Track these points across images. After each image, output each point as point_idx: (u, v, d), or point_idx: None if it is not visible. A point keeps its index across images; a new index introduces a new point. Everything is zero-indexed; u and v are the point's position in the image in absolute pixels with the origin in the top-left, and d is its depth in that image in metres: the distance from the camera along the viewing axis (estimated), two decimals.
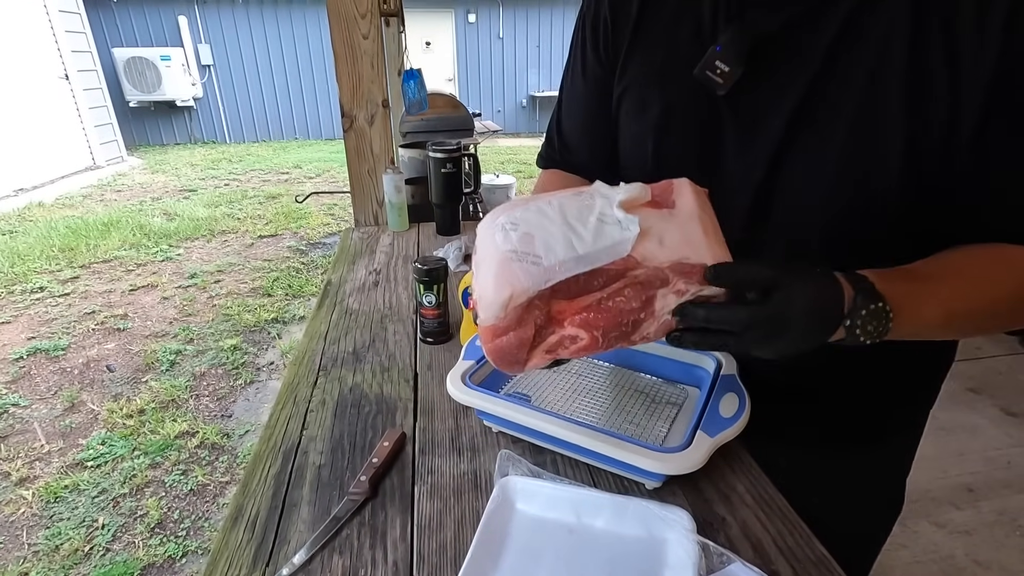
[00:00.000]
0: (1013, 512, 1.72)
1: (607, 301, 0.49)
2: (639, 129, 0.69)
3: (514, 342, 0.49)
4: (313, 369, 0.94)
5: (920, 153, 0.53)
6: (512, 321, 0.48)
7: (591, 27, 0.72)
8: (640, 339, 0.51)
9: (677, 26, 0.63)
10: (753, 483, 0.67)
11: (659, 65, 0.66)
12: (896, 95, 0.52)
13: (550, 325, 0.50)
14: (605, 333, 0.49)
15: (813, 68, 0.55)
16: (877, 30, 0.52)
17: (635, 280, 0.48)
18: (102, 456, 2.09)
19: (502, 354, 0.50)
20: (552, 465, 0.70)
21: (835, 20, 0.53)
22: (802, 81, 0.56)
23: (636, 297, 0.48)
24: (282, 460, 0.73)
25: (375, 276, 1.31)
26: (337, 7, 1.42)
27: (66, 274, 3.77)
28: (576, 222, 0.48)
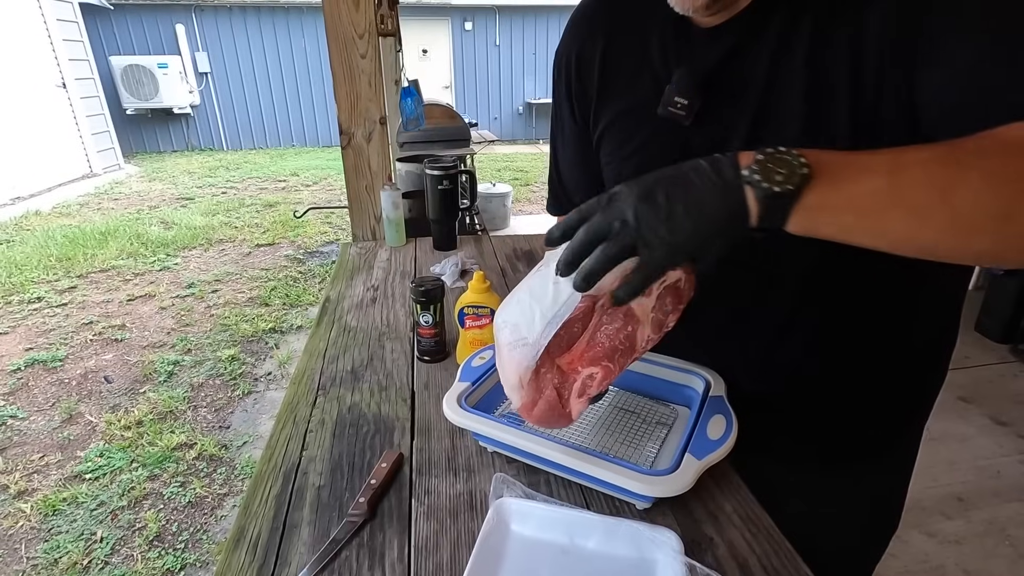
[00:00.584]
0: (1002, 522, 1.75)
1: (595, 335, 0.57)
2: (619, 169, 0.75)
3: (544, 407, 0.58)
4: (312, 388, 0.96)
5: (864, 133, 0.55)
6: (534, 393, 0.58)
7: (564, 91, 0.80)
8: (643, 347, 0.58)
9: (636, 78, 0.70)
10: (741, 503, 0.69)
11: (626, 112, 0.73)
12: (834, 92, 0.56)
13: (568, 377, 0.58)
14: (610, 357, 0.56)
15: (759, 86, 0.60)
16: (802, 41, 0.57)
17: (603, 307, 0.57)
18: (100, 468, 2.10)
19: (546, 420, 0.59)
20: (546, 485, 0.72)
21: (768, 41, 0.59)
22: (752, 100, 0.61)
23: (614, 317, 0.57)
24: (283, 481, 0.74)
25: (373, 292, 1.33)
26: (335, 28, 1.45)
27: (63, 284, 3.78)
28: (539, 295, 0.56)
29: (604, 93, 0.75)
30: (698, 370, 0.81)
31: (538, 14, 10.01)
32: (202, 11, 8.73)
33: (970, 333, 2.94)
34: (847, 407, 0.75)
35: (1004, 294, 2.81)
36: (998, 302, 2.86)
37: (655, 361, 0.84)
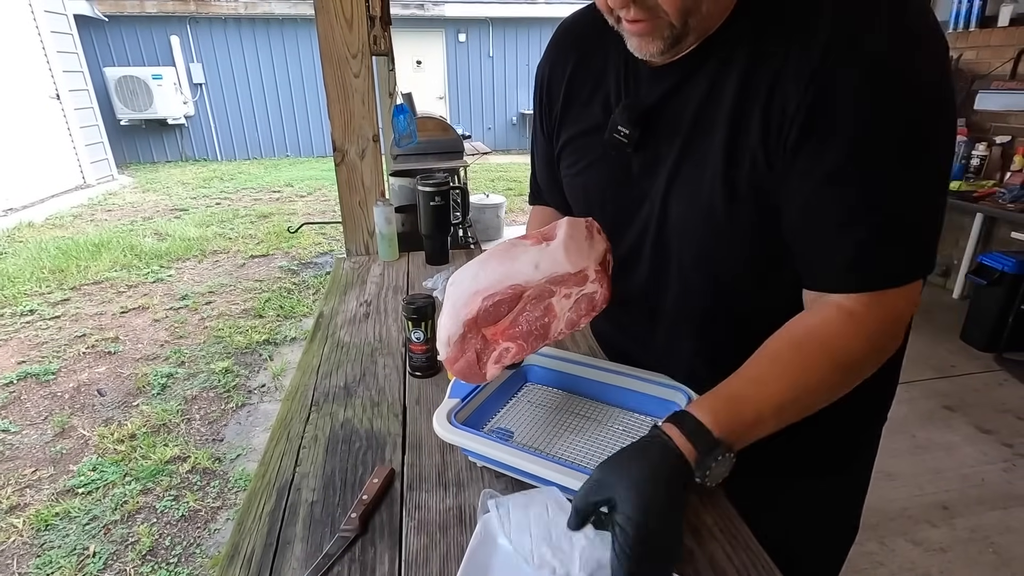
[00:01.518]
0: (986, 529, 1.77)
1: (518, 318, 0.69)
2: (572, 181, 0.86)
3: (464, 365, 0.71)
4: (306, 404, 0.98)
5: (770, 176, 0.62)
6: (457, 352, 0.70)
7: (537, 104, 0.90)
8: (555, 336, 0.69)
9: (591, 104, 0.79)
10: (721, 516, 0.71)
11: (580, 132, 0.82)
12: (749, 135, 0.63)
13: (488, 346, 0.70)
14: (525, 339, 0.69)
15: (686, 124, 0.68)
16: (729, 90, 0.64)
17: (529, 298, 0.68)
18: (93, 482, 2.09)
19: (463, 374, 0.72)
20: None
21: (698, 88, 0.67)
22: (681, 136, 0.69)
23: (536, 308, 0.68)
24: (276, 497, 0.76)
25: (366, 308, 1.35)
26: (329, 49, 1.48)
27: (56, 296, 3.78)
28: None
29: (565, 114, 0.83)
30: (680, 385, 0.83)
31: (531, 26, 10.12)
32: (197, 23, 8.78)
33: (955, 342, 2.99)
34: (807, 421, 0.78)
35: (988, 303, 2.86)
36: (982, 311, 2.91)
37: (641, 377, 0.86)
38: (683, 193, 0.70)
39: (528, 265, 0.67)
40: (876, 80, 0.54)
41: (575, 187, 0.85)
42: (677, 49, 0.64)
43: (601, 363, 0.92)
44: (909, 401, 2.45)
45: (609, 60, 0.76)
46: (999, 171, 3.30)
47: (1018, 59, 3.14)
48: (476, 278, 0.70)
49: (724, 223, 0.67)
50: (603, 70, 0.77)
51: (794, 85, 0.58)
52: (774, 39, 0.60)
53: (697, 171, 0.68)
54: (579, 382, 0.92)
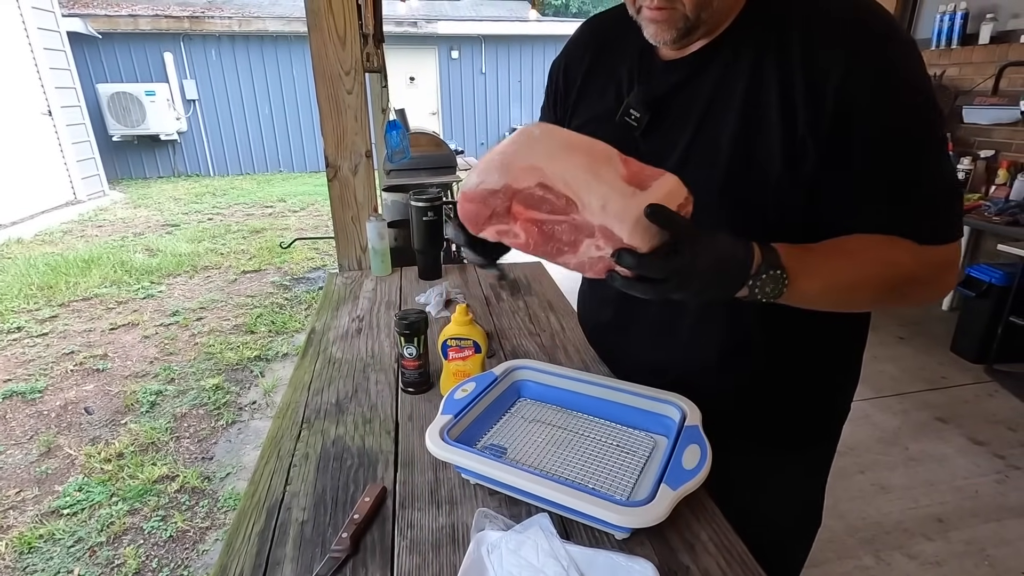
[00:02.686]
0: (981, 542, 1.77)
1: (547, 224, 0.63)
2: None
3: (473, 210, 0.66)
4: (297, 421, 0.97)
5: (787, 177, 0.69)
6: (478, 199, 0.65)
7: (552, 92, 0.97)
8: (560, 263, 0.65)
9: (605, 91, 0.86)
10: (716, 531, 0.71)
11: (593, 117, 0.88)
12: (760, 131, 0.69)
13: (506, 216, 0.65)
14: (536, 244, 0.64)
15: (696, 114, 0.75)
16: (739, 86, 0.71)
17: (572, 222, 0.61)
18: (79, 503, 2.05)
19: (465, 215, 0.67)
20: (527, 514, 0.73)
21: (708, 81, 0.74)
22: (690, 124, 0.75)
23: (567, 232, 0.62)
24: (266, 517, 0.75)
25: (358, 323, 1.35)
26: (322, 65, 1.49)
27: (45, 313, 3.73)
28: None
29: (579, 102, 0.91)
30: (674, 400, 0.83)
31: (523, 43, 10.25)
32: (191, 39, 8.82)
33: (946, 354, 3.01)
34: (778, 401, 0.87)
35: (978, 315, 2.89)
36: (972, 323, 2.93)
37: (635, 392, 0.86)
38: (692, 180, 0.70)
39: (598, 196, 0.58)
40: (896, 75, 0.64)
41: None
42: (687, 40, 0.72)
43: (595, 378, 0.92)
44: (902, 413, 2.46)
45: (623, 56, 0.83)
46: (984, 184, 3.35)
47: (999, 75, 3.21)
48: (552, 155, 0.61)
49: (732, 212, 0.72)
50: (617, 65, 0.84)
51: (811, 80, 0.65)
52: (782, 40, 0.67)
53: (707, 159, 0.73)
54: (573, 397, 0.92)
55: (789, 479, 0.94)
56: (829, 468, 0.99)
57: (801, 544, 1.02)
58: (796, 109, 0.66)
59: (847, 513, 1.89)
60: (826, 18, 0.66)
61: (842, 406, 0.93)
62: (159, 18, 8.57)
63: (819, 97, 0.65)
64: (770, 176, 0.69)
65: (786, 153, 0.68)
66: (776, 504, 0.93)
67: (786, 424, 0.89)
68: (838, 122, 0.65)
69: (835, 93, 0.64)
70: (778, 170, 0.69)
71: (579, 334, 1.26)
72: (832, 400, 0.92)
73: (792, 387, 0.86)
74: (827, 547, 1.75)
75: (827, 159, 0.67)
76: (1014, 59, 3.16)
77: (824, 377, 0.88)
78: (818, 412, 0.91)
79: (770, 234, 0.70)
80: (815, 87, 0.65)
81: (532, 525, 0.67)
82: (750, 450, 0.87)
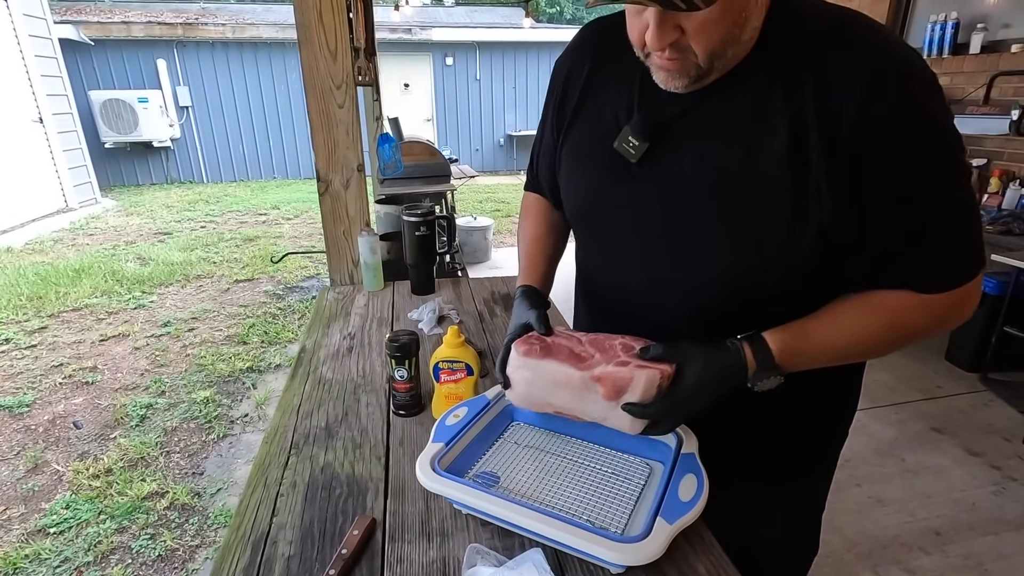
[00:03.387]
0: (979, 555, 1.76)
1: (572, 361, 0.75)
2: (571, 177, 0.88)
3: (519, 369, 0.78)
4: (285, 447, 0.95)
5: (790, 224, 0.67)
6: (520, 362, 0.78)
7: (553, 98, 0.91)
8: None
9: (603, 109, 0.82)
10: (715, 564, 0.69)
11: (590, 134, 0.84)
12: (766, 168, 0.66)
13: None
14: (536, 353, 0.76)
15: (696, 146, 0.72)
16: (745, 118, 0.68)
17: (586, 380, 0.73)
18: (66, 521, 2.01)
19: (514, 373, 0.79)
20: (520, 548, 0.72)
21: (712, 113, 0.71)
22: (691, 155, 0.72)
23: None
24: (251, 551, 0.73)
25: (349, 341, 1.33)
26: (313, 79, 1.48)
27: (34, 324, 3.69)
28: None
29: (577, 114, 0.86)
30: None
31: (517, 50, 10.27)
32: (184, 46, 8.79)
33: (940, 363, 3.01)
34: (779, 433, 0.86)
35: (972, 324, 2.89)
36: (966, 332, 2.93)
37: None
38: (686, 214, 0.73)
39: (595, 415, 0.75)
40: (910, 114, 0.60)
41: (572, 184, 0.88)
42: (698, 84, 0.68)
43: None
44: (898, 423, 2.45)
45: (631, 69, 0.77)
46: (977, 193, 3.37)
47: (991, 85, 3.23)
48: (552, 392, 0.76)
49: (727, 256, 0.71)
50: (622, 78, 0.79)
51: (825, 116, 0.62)
52: (795, 74, 0.64)
53: (704, 192, 0.71)
54: (566, 421, 0.90)
55: (789, 510, 0.93)
56: (827, 494, 0.98)
57: (799, 572, 1.02)
58: (808, 149, 0.63)
59: (844, 527, 1.88)
60: (842, 51, 0.62)
61: (841, 432, 0.92)
62: (152, 25, 8.54)
63: (833, 136, 0.62)
64: (770, 217, 0.67)
65: (793, 197, 0.65)
66: (776, 535, 0.93)
67: (786, 456, 0.88)
68: (853, 164, 0.62)
69: (850, 129, 0.61)
70: (782, 214, 0.66)
71: None
72: (832, 428, 0.91)
73: (791, 419, 0.85)
74: (824, 563, 1.73)
75: (839, 207, 0.64)
76: (1005, 68, 3.18)
77: (824, 407, 0.87)
78: (818, 441, 0.90)
79: (769, 281, 0.70)
80: (829, 124, 0.62)
81: (525, 561, 0.65)
82: (750, 485, 0.87)
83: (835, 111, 0.61)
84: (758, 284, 0.71)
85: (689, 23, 0.60)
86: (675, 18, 0.61)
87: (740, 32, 0.62)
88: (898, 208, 0.63)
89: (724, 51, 0.63)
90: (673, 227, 0.75)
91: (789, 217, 0.66)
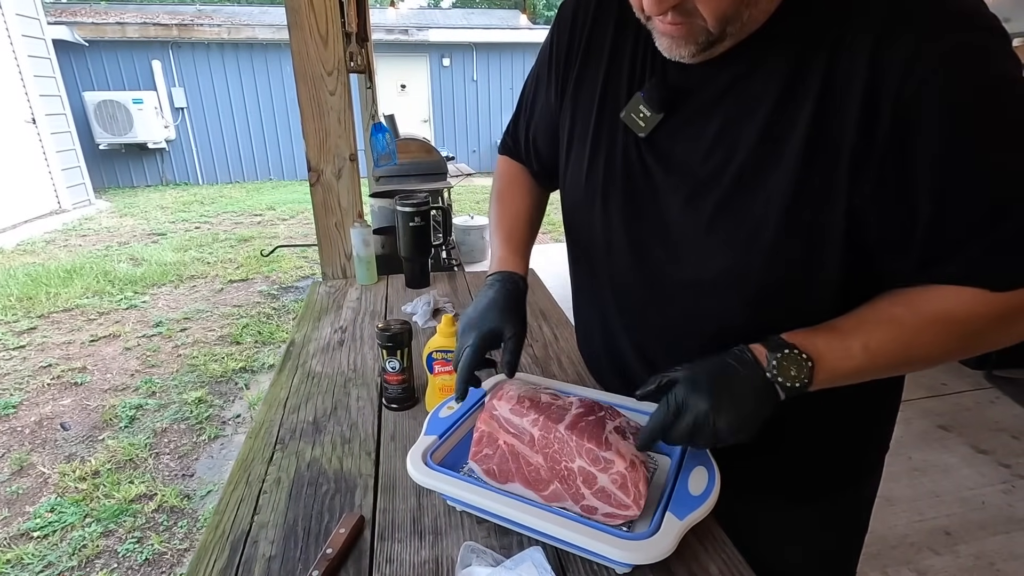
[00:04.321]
0: (990, 555, 1.71)
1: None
2: (576, 154, 0.77)
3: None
4: (270, 443, 0.90)
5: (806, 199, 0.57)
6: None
7: (549, 51, 0.81)
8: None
9: (607, 71, 0.71)
10: (727, 563, 0.64)
11: (588, 102, 0.74)
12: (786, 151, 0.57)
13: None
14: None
15: (714, 122, 0.62)
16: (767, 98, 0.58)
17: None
18: (50, 525, 1.95)
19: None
20: (519, 546, 0.67)
21: (729, 84, 0.60)
22: (706, 135, 0.62)
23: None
24: (230, 552, 0.68)
25: (340, 335, 1.28)
26: (303, 65, 1.43)
27: (23, 325, 3.62)
28: None
29: (579, 75, 0.75)
30: None
31: (514, 51, 10.24)
32: (179, 47, 8.74)
33: None
34: (809, 444, 0.75)
35: None
36: None
37: (634, 408, 0.80)
38: (694, 195, 0.63)
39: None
40: (961, 77, 0.49)
41: (581, 165, 0.75)
42: (709, 52, 0.58)
43: (590, 392, 0.85)
44: (904, 421, 2.39)
45: (631, 32, 0.68)
46: None
47: None
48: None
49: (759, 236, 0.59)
50: (624, 42, 0.70)
51: (863, 82, 0.51)
52: (827, 36, 0.53)
53: (714, 174, 0.61)
54: None
55: (822, 529, 0.82)
56: (870, 512, 0.86)
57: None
58: (844, 127, 0.53)
59: None
60: (895, 8, 0.51)
61: (881, 436, 0.81)
62: (147, 26, 8.49)
63: (872, 106, 0.51)
64: (787, 211, 0.57)
65: (817, 185, 0.55)
66: (805, 559, 0.83)
67: (818, 468, 0.77)
68: (895, 137, 0.51)
69: (895, 96, 0.50)
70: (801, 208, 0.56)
71: (573, 344, 1.19)
72: (869, 433, 0.79)
73: (822, 433, 0.74)
74: None
75: (877, 189, 0.53)
76: None
77: (860, 418, 0.76)
78: (855, 450, 0.79)
79: (794, 283, 0.60)
80: (867, 92, 0.51)
81: (524, 560, 0.60)
82: (774, 502, 0.78)
83: (878, 74, 0.50)
84: (772, 288, 0.61)
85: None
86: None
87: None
88: (951, 194, 0.52)
89: (738, 14, 0.53)
90: (676, 219, 0.65)
91: (809, 212, 0.56)
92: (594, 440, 0.64)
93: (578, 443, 0.65)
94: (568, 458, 0.65)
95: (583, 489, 0.64)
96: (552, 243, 5.31)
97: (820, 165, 0.55)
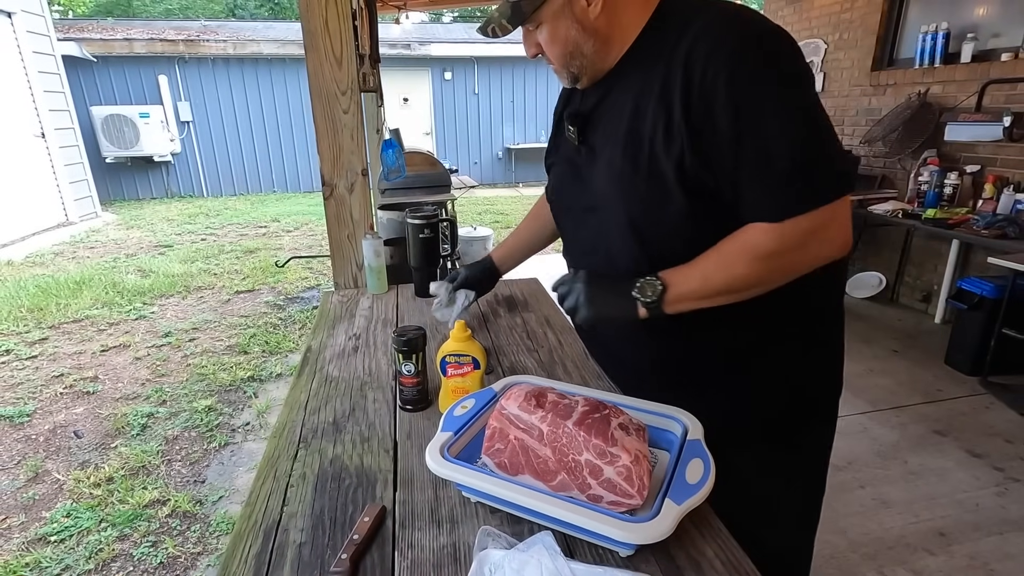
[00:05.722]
0: (985, 556, 1.76)
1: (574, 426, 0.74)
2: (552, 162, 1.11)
3: None
4: (293, 441, 0.95)
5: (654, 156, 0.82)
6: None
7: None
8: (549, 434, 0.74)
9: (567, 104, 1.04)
10: (722, 547, 0.70)
11: (559, 135, 1.07)
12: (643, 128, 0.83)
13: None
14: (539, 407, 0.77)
15: (610, 122, 0.89)
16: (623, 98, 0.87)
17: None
18: (67, 529, 2.00)
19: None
20: (530, 533, 0.72)
21: (610, 97, 0.90)
22: (607, 132, 0.90)
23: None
24: (263, 539, 0.73)
25: (355, 341, 1.34)
26: (319, 85, 1.50)
27: (34, 335, 3.69)
28: None
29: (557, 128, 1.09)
30: (676, 414, 0.83)
31: (515, 64, 10.39)
32: (185, 63, 8.89)
33: (940, 366, 3.02)
34: (772, 382, 0.95)
35: (970, 328, 2.91)
36: (965, 336, 2.95)
37: (636, 407, 0.85)
38: (608, 174, 0.89)
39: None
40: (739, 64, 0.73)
41: (554, 163, 1.09)
42: (584, 81, 0.91)
43: (595, 393, 0.91)
44: (899, 426, 2.45)
45: None
46: (972, 199, 3.40)
47: (982, 93, 3.28)
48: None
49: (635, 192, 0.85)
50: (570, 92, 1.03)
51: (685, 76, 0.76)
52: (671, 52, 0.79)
53: (614, 157, 0.87)
54: None
55: (792, 467, 1.01)
56: (828, 455, 1.05)
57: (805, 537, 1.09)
58: (672, 100, 0.77)
59: (848, 528, 1.88)
60: (703, 27, 0.76)
61: (832, 386, 1.00)
62: (154, 42, 8.64)
63: (688, 86, 0.76)
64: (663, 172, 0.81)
65: (663, 138, 0.79)
66: (780, 492, 1.01)
67: (781, 410, 0.96)
68: (703, 110, 0.75)
69: (699, 84, 0.74)
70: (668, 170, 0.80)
71: (577, 349, 1.25)
72: (820, 381, 0.99)
73: (782, 372, 0.94)
74: (829, 563, 1.73)
75: (696, 145, 0.77)
76: (996, 76, 3.23)
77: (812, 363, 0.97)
78: (810, 395, 0.99)
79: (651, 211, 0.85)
80: (684, 82, 0.76)
81: (535, 543, 0.66)
82: (754, 448, 0.96)
83: (692, 68, 0.75)
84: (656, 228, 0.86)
85: (540, 40, 0.85)
86: (532, 35, 0.86)
87: (583, 46, 0.84)
88: (740, 133, 0.74)
89: (576, 55, 0.86)
90: (597, 190, 0.92)
91: (674, 171, 0.79)
92: (601, 436, 0.71)
93: (585, 438, 0.71)
94: (576, 451, 0.71)
95: (589, 480, 0.70)
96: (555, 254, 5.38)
97: (661, 133, 0.79)
